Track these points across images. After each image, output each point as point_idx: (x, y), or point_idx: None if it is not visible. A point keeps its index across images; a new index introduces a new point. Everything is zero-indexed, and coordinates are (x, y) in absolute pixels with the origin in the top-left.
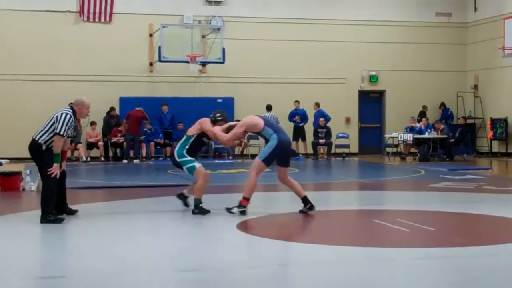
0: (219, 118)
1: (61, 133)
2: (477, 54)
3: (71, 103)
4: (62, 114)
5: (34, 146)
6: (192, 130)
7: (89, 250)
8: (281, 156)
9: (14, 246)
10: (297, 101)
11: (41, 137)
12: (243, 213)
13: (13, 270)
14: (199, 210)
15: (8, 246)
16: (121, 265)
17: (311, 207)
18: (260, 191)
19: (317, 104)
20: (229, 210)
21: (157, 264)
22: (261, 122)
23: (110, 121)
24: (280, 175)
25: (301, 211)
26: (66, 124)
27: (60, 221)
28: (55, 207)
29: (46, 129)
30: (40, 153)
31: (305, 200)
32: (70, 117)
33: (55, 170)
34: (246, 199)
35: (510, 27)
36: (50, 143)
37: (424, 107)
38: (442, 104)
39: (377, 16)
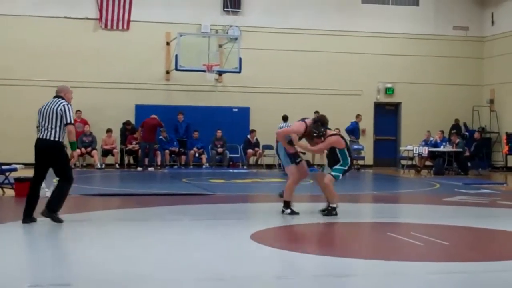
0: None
1: (72, 121)
2: (493, 68)
3: (55, 96)
4: (64, 105)
5: (52, 146)
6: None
7: (101, 258)
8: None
9: (26, 252)
10: (316, 112)
11: (55, 135)
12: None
13: (25, 277)
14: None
15: (20, 252)
16: (134, 274)
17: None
18: (274, 202)
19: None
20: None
21: (170, 274)
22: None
23: (126, 132)
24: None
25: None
26: (71, 112)
27: (60, 221)
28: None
29: (54, 125)
30: (59, 152)
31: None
32: (70, 105)
33: (75, 155)
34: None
35: None
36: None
37: (457, 120)
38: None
39: (394, 28)
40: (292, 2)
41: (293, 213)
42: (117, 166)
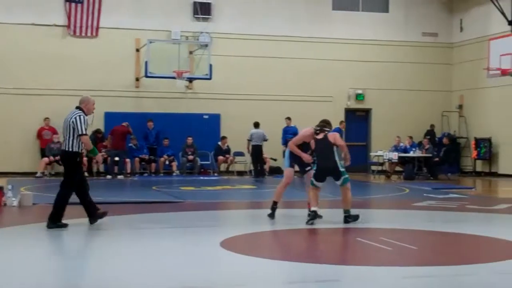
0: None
1: (85, 132)
2: (462, 74)
3: (77, 106)
4: (76, 117)
5: (68, 157)
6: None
7: (68, 266)
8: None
9: None
10: (288, 118)
11: (72, 146)
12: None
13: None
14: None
15: None
16: (102, 282)
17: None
18: (245, 208)
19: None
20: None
21: (139, 282)
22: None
23: (96, 141)
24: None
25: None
26: (84, 123)
27: (65, 226)
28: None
29: (71, 137)
30: (73, 162)
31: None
32: (84, 116)
33: (99, 159)
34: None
35: (495, 48)
36: (81, 149)
37: (432, 126)
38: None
39: (365, 35)
40: (263, 8)
41: (272, 216)
42: (86, 174)
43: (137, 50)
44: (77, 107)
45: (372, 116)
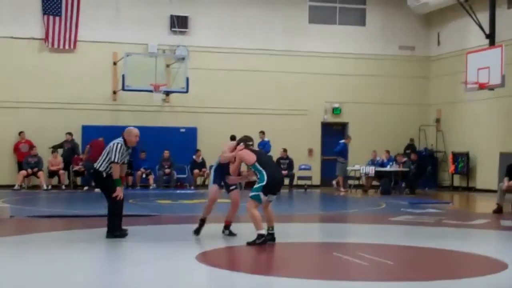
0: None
1: (116, 160)
2: (440, 88)
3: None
4: (114, 144)
5: (96, 174)
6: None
7: (38, 279)
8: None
9: None
10: (262, 132)
11: (100, 166)
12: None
13: None
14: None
15: None
16: None
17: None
18: (221, 222)
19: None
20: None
21: None
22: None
23: (64, 145)
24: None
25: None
26: (119, 153)
27: (124, 235)
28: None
29: (103, 158)
30: (102, 179)
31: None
32: (121, 146)
33: (118, 193)
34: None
35: (472, 62)
36: (109, 170)
37: (412, 139)
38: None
39: (340, 48)
40: (239, 22)
41: (197, 232)
42: (63, 187)
43: (115, 64)
44: (122, 135)
45: (348, 130)
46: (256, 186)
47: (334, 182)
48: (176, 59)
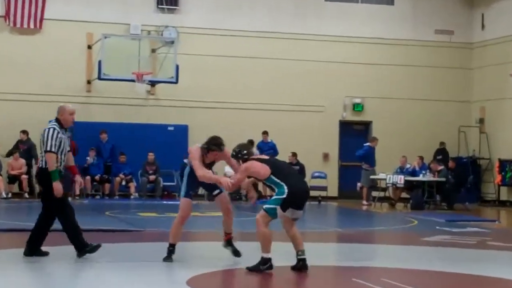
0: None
1: (50, 149)
2: (484, 81)
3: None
4: (45, 131)
5: (42, 175)
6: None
7: None
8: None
9: None
10: (265, 132)
11: (43, 163)
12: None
13: None
14: None
15: None
16: None
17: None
18: (216, 240)
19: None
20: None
21: None
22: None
23: (19, 146)
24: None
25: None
26: (52, 139)
27: (97, 248)
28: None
29: (41, 152)
30: (49, 182)
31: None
32: (54, 129)
33: (58, 190)
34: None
35: None
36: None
37: (442, 143)
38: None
39: (364, 31)
40: None
41: (169, 258)
42: (26, 195)
43: (89, 47)
44: (55, 118)
45: (372, 131)
46: (273, 197)
47: (358, 185)
48: (164, 43)
